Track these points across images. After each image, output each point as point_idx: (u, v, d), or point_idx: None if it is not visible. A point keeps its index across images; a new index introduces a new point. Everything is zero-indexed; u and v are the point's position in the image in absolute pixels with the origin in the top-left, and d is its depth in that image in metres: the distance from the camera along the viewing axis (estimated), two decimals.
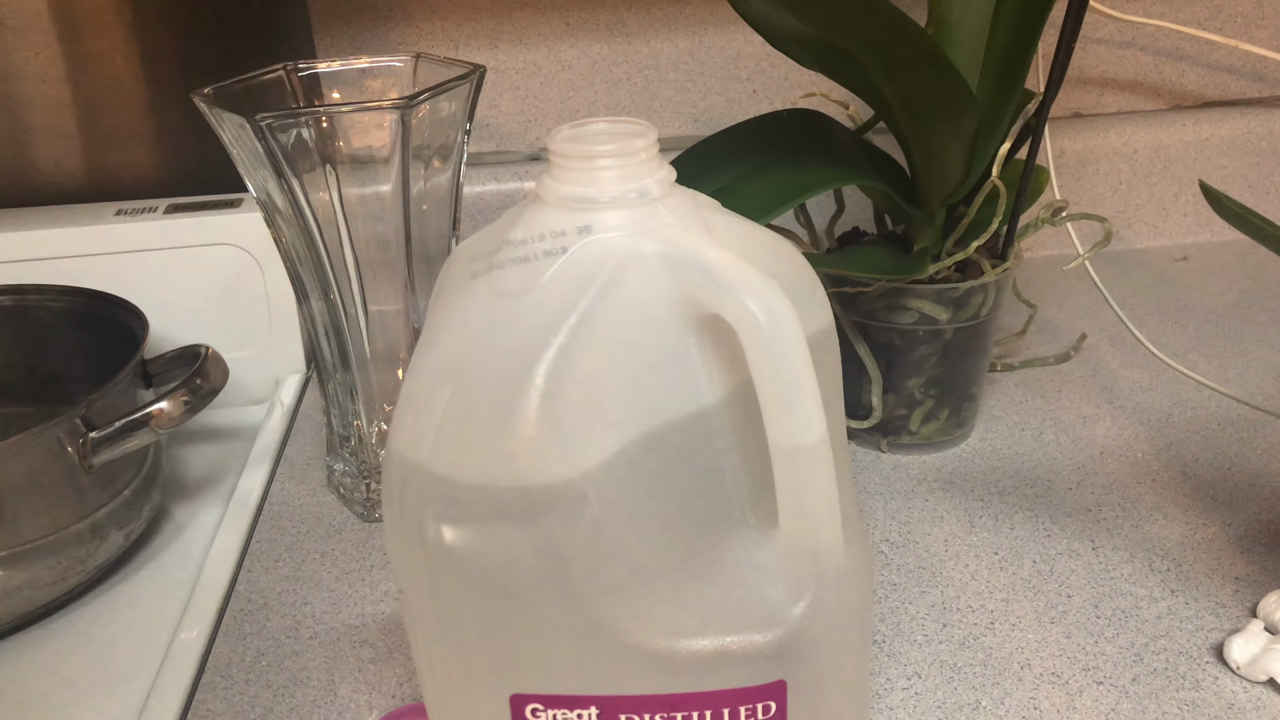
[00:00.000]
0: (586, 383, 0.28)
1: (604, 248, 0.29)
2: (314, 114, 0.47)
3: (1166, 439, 0.59)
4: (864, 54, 0.46)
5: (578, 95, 0.77)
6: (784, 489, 0.28)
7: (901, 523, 0.53)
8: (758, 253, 0.31)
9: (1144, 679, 0.43)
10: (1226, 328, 0.71)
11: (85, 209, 0.66)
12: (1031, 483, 0.56)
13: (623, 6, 0.75)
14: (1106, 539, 0.51)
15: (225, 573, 0.52)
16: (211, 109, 0.48)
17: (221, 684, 0.45)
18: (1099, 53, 0.81)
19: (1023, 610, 0.47)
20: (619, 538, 0.28)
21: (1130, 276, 0.79)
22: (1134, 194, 0.83)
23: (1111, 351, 0.69)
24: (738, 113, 0.79)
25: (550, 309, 0.28)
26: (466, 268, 0.31)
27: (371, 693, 0.44)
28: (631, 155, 0.29)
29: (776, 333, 0.27)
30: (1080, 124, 0.81)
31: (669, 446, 0.29)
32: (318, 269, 0.51)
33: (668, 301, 0.28)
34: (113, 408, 0.50)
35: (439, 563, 0.29)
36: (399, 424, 0.30)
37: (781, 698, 0.30)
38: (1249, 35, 0.81)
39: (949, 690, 0.43)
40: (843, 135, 0.57)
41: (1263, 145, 0.82)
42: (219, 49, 0.69)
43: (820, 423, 0.27)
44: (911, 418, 0.58)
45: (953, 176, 0.52)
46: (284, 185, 0.48)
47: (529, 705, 0.30)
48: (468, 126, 0.52)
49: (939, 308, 0.55)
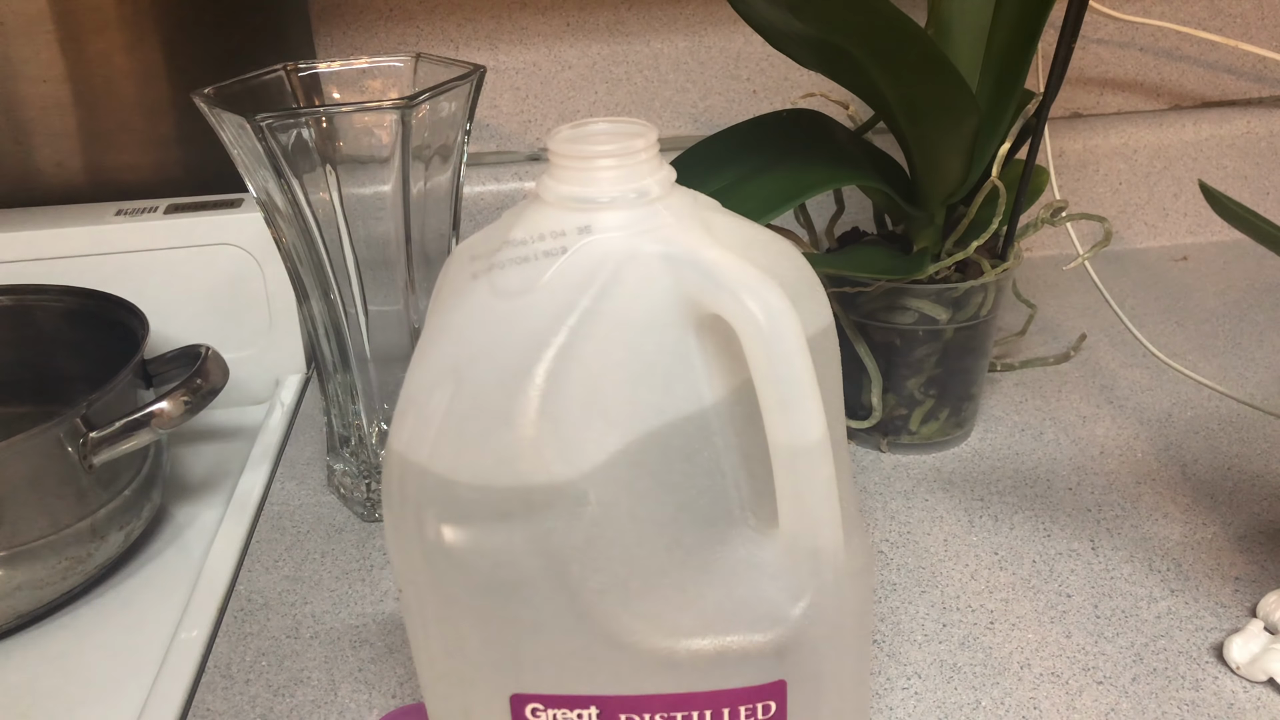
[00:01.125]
0: (586, 383, 0.28)
1: (604, 248, 0.29)
2: (314, 114, 0.47)
3: (1166, 439, 0.59)
4: (864, 54, 0.46)
5: (578, 95, 0.77)
6: (784, 489, 0.28)
7: (901, 523, 0.53)
8: (758, 253, 0.31)
9: (1144, 679, 0.43)
10: (1226, 328, 0.71)
11: (85, 209, 0.66)
12: (1031, 483, 0.56)
13: (623, 6, 0.75)
14: (1106, 539, 0.51)
15: (225, 573, 0.52)
16: (211, 109, 0.48)
17: (221, 684, 0.45)
18: (1099, 53, 0.81)
19: (1022, 610, 0.47)
20: (619, 538, 0.28)
21: (1130, 276, 0.79)
22: (1134, 194, 0.83)
23: (1111, 351, 0.69)
24: (738, 113, 0.79)
25: (550, 309, 0.28)
26: (466, 268, 0.31)
27: (371, 693, 0.44)
28: (631, 155, 0.29)
29: (776, 333, 0.27)
30: (1080, 124, 0.81)
31: (669, 447, 0.29)
32: (318, 269, 0.51)
33: (668, 301, 0.28)
34: (113, 408, 0.50)
35: (439, 563, 0.29)
36: (399, 424, 0.30)
37: (781, 698, 0.30)
38: (1249, 35, 0.81)
39: (949, 690, 0.43)
40: (843, 135, 0.57)
41: (1263, 145, 0.82)
42: (219, 49, 0.69)
43: (820, 422, 0.27)
44: (911, 418, 0.58)
45: (953, 176, 0.52)
46: (284, 185, 0.48)
47: (529, 705, 0.30)
48: (468, 126, 0.52)
49: (939, 308, 0.55)
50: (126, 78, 0.68)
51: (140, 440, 0.49)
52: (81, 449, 0.48)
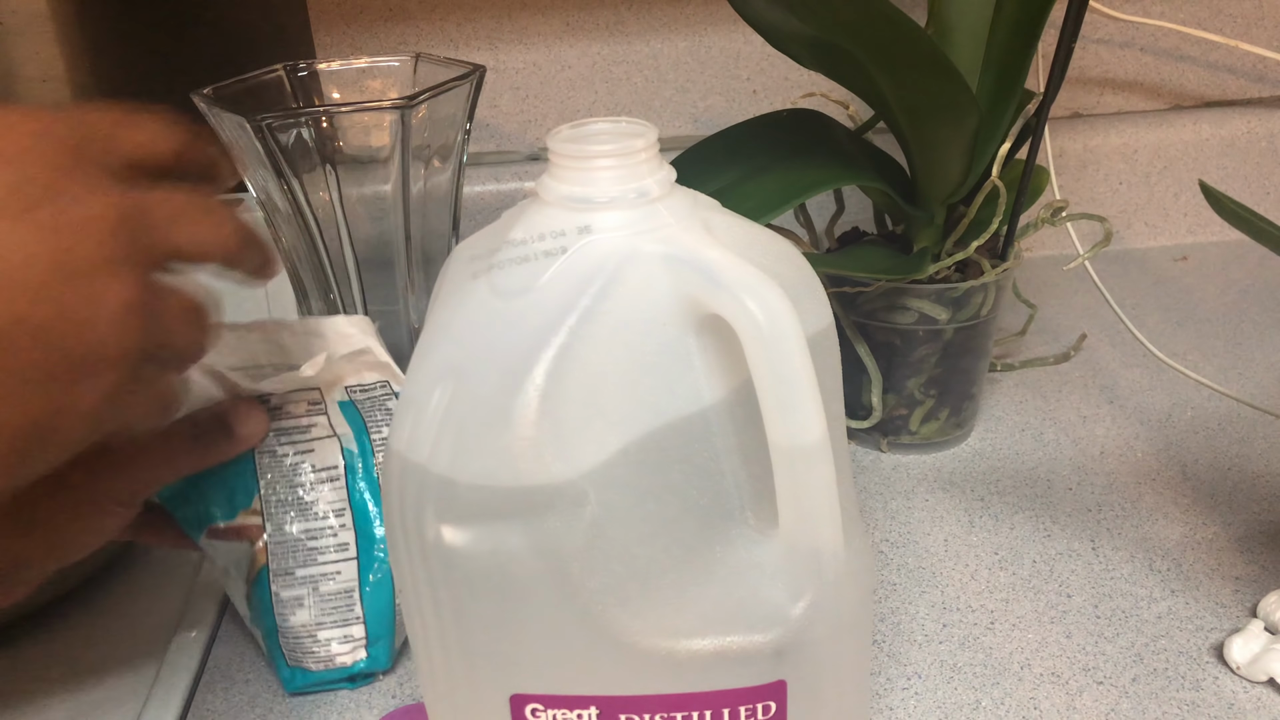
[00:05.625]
0: (586, 383, 0.28)
1: (604, 248, 0.29)
2: (314, 114, 0.47)
3: (1166, 439, 0.59)
4: (864, 54, 0.46)
5: (578, 95, 0.77)
6: (784, 489, 0.28)
7: (901, 523, 0.53)
8: (758, 253, 0.31)
9: (1144, 679, 0.43)
10: (1226, 328, 0.71)
11: None
12: (1031, 483, 0.56)
13: (623, 6, 0.75)
14: (1106, 539, 0.51)
15: None
16: (211, 109, 0.48)
17: (221, 684, 0.45)
18: (1099, 53, 0.81)
19: (1023, 610, 0.47)
20: (619, 538, 0.28)
21: (1130, 276, 0.79)
22: (1134, 194, 0.83)
23: (1111, 351, 0.69)
24: (738, 113, 0.79)
25: (550, 309, 0.28)
26: (466, 268, 0.31)
27: (371, 692, 0.44)
28: (631, 155, 0.29)
29: (776, 333, 0.27)
30: (1080, 124, 0.81)
31: (669, 447, 0.29)
32: (318, 269, 0.51)
33: (667, 301, 0.28)
34: None
35: (439, 563, 0.29)
36: (399, 424, 0.30)
37: (781, 698, 0.30)
38: (1249, 35, 0.81)
39: (949, 690, 0.43)
40: (843, 135, 0.57)
41: (1263, 145, 0.82)
42: (218, 49, 0.69)
43: (820, 423, 0.27)
44: (911, 418, 0.58)
45: (953, 176, 0.52)
46: (284, 185, 0.48)
47: (529, 705, 0.30)
48: (468, 126, 0.52)
49: (939, 308, 0.55)
50: (125, 78, 0.68)
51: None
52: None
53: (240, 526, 0.43)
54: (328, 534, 0.43)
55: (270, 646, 0.44)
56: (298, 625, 0.43)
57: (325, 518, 0.43)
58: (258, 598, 0.43)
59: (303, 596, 0.43)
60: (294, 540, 0.43)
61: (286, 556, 0.42)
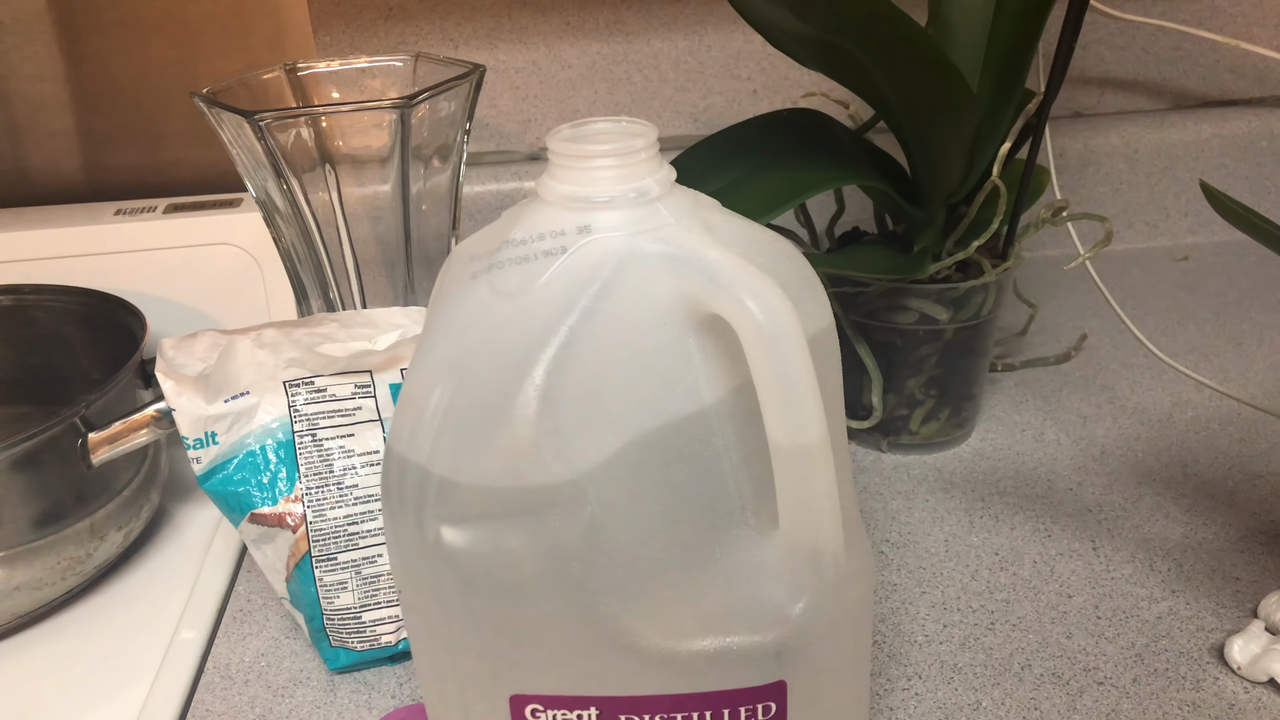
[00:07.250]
0: (586, 383, 0.28)
1: (603, 247, 0.29)
2: (314, 114, 0.47)
3: (1166, 439, 0.59)
4: (864, 54, 0.46)
5: (578, 95, 0.77)
6: (784, 489, 0.28)
7: (902, 523, 0.53)
8: (758, 253, 0.31)
9: (1144, 679, 0.43)
10: (1226, 328, 0.71)
11: (85, 209, 0.66)
12: (1031, 483, 0.56)
13: (623, 6, 0.75)
14: (1107, 539, 0.51)
15: (225, 573, 0.52)
16: (211, 109, 0.48)
17: (220, 684, 0.45)
18: (1099, 53, 0.81)
19: (1023, 610, 0.47)
20: (619, 538, 0.28)
21: (1130, 276, 0.79)
22: (1134, 194, 0.83)
23: (1111, 351, 0.68)
24: (738, 113, 0.78)
25: (549, 309, 0.28)
26: (466, 268, 0.31)
27: (371, 693, 0.44)
28: (631, 155, 0.29)
29: (776, 332, 0.27)
30: (1080, 124, 0.81)
31: (669, 447, 0.29)
32: (317, 269, 0.51)
33: (667, 301, 0.28)
34: (112, 408, 0.50)
35: (439, 563, 0.29)
36: (399, 424, 0.30)
37: (781, 698, 0.30)
38: (1249, 35, 0.81)
39: (949, 690, 0.43)
40: (843, 135, 0.57)
41: (1263, 145, 0.82)
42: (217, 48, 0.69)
43: (820, 422, 0.27)
44: (912, 418, 0.58)
45: (953, 176, 0.52)
46: (283, 185, 0.48)
47: (529, 705, 0.30)
48: (467, 126, 0.52)
49: (939, 308, 0.54)
50: (125, 77, 0.68)
51: (139, 440, 0.49)
52: (81, 449, 0.48)
53: (282, 513, 0.44)
54: (368, 519, 0.44)
55: (314, 629, 0.44)
56: (343, 608, 0.44)
57: (366, 502, 0.44)
58: (301, 582, 0.44)
59: (346, 581, 0.44)
60: (336, 526, 0.44)
61: (329, 542, 0.43)
